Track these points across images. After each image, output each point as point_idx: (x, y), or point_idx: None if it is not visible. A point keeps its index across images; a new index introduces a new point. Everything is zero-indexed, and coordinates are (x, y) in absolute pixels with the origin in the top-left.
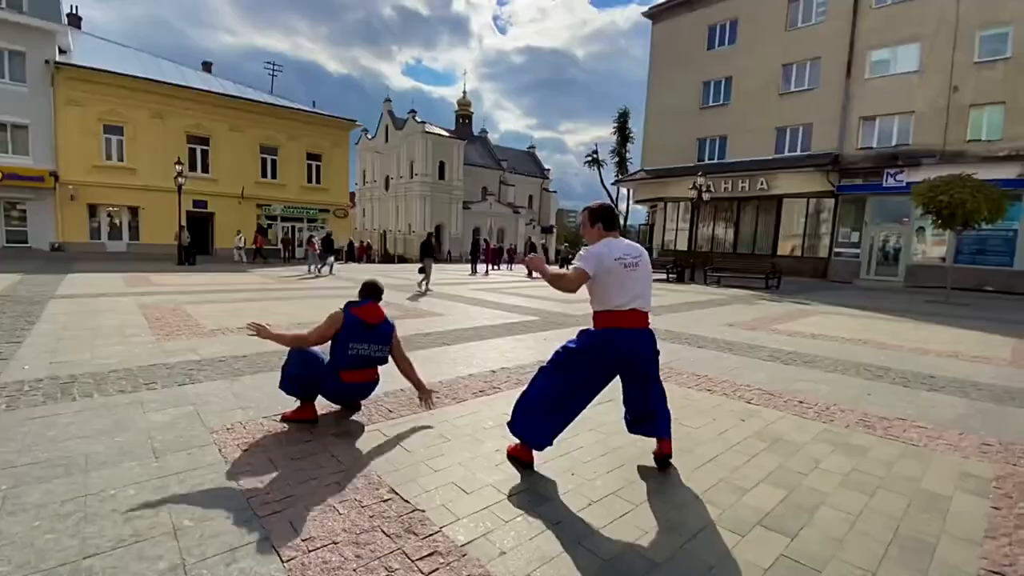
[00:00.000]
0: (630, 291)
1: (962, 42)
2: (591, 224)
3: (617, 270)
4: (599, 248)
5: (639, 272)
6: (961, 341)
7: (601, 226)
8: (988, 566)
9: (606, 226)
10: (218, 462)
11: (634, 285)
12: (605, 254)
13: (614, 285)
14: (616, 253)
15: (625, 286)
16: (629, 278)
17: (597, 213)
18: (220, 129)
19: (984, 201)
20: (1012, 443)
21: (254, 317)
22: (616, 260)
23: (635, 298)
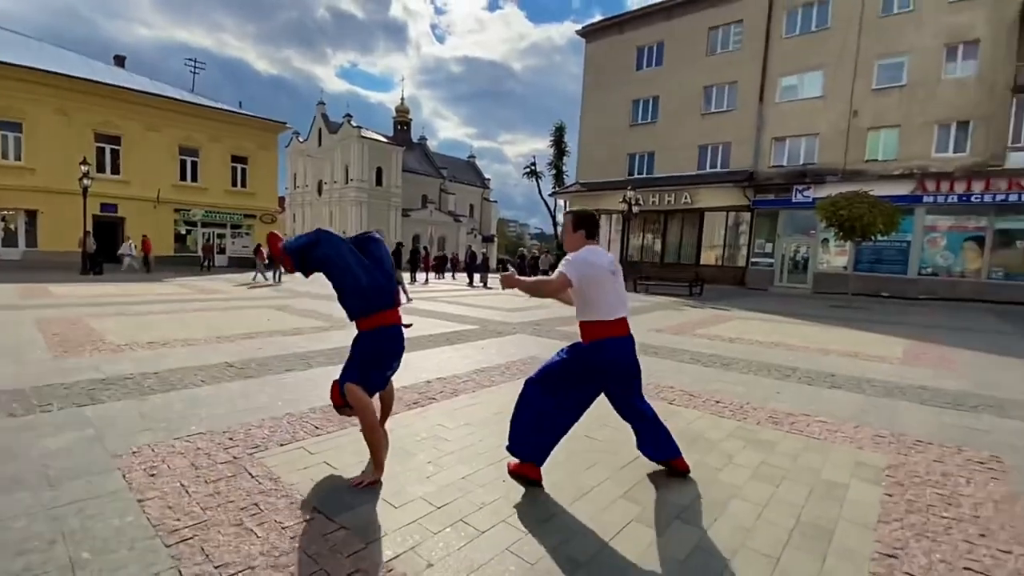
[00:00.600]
0: (618, 300)
1: (862, 70)
2: (573, 230)
3: (607, 279)
4: (585, 255)
5: (620, 280)
6: (860, 342)
7: (583, 233)
8: (881, 549)
9: (588, 233)
10: (121, 489)
11: (621, 293)
12: (593, 262)
13: (606, 294)
14: (603, 261)
15: (614, 295)
16: (617, 287)
17: (580, 219)
18: (134, 128)
19: (879, 215)
20: (903, 434)
21: (168, 331)
22: (605, 268)
23: (622, 306)
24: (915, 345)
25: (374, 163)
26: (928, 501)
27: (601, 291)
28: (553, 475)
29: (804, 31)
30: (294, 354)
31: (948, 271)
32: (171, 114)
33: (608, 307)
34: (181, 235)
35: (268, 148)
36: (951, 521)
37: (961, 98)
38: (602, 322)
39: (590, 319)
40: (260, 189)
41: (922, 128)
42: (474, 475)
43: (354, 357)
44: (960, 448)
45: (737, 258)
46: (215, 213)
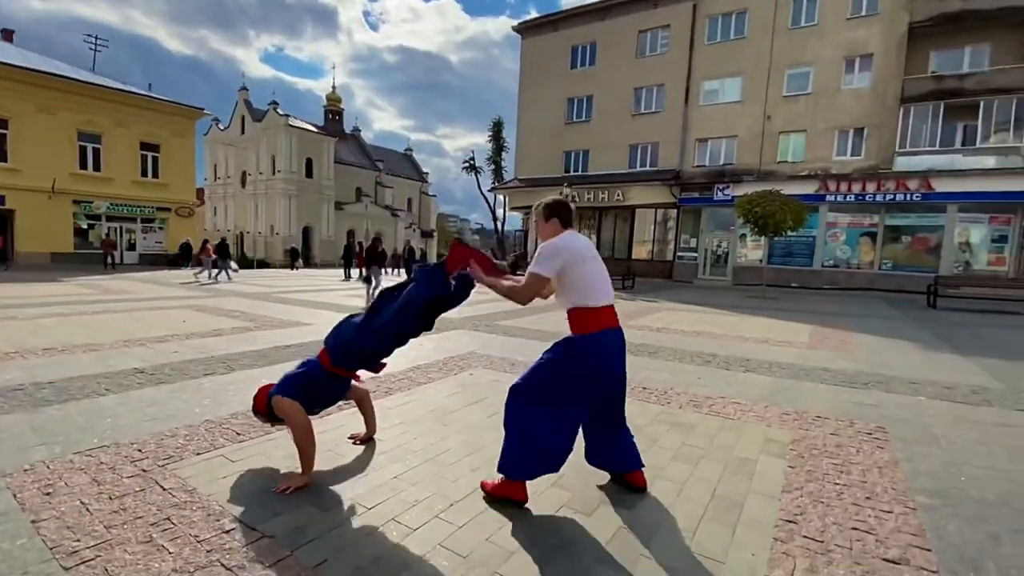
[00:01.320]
0: (606, 285)
1: (774, 78)
2: (546, 220)
3: (589, 261)
4: (561, 241)
5: (603, 265)
6: (772, 329)
7: (557, 221)
8: (784, 516)
9: (563, 221)
10: (12, 510)
11: (607, 279)
12: (571, 246)
13: (591, 274)
14: (580, 244)
15: (602, 279)
16: (602, 272)
17: (553, 208)
18: (23, 110)
19: (789, 212)
20: (805, 411)
21: (68, 335)
22: (583, 250)
23: (609, 293)
24: (819, 331)
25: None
26: (824, 470)
27: (584, 273)
28: (486, 471)
29: (724, 39)
30: (213, 357)
31: (847, 263)
32: (68, 95)
33: (597, 293)
34: (83, 230)
35: (183, 135)
36: (843, 487)
37: (857, 107)
38: (592, 310)
39: (579, 305)
40: (175, 180)
41: (825, 133)
42: (407, 474)
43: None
44: (852, 421)
45: (665, 252)
46: (122, 206)
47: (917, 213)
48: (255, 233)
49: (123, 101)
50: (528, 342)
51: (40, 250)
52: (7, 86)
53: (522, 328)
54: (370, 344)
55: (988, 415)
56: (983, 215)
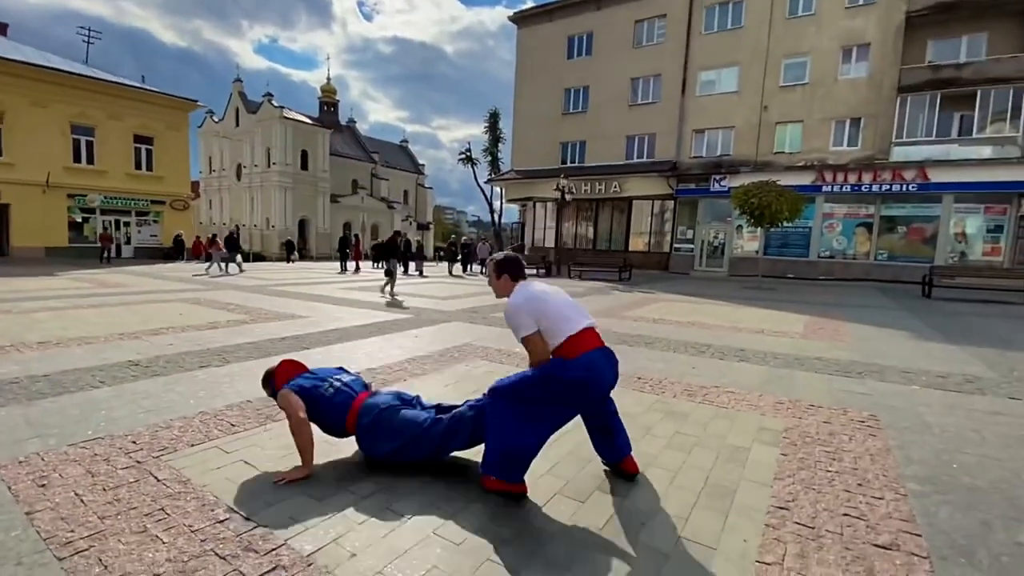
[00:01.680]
0: (576, 312)
1: (771, 68)
2: (498, 277)
3: (551, 300)
4: (517, 299)
5: (563, 297)
6: (767, 320)
7: (507, 276)
8: (776, 503)
9: (512, 276)
10: (6, 502)
11: (572, 306)
12: (528, 298)
13: (558, 313)
14: (537, 289)
15: (567, 309)
16: (567, 303)
17: (501, 266)
18: (17, 103)
19: (785, 203)
20: (799, 400)
21: (62, 329)
22: (536, 294)
23: (583, 317)
24: (814, 321)
25: (298, 145)
26: (817, 458)
27: (550, 313)
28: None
29: (721, 28)
30: (208, 349)
31: (843, 254)
32: (61, 88)
33: (572, 321)
34: (77, 223)
35: (177, 128)
36: (834, 474)
37: (854, 96)
38: (573, 336)
39: (560, 341)
40: (169, 173)
41: (821, 123)
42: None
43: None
44: (845, 410)
45: (662, 244)
46: (117, 199)
47: (913, 203)
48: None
49: (116, 93)
50: None
51: (35, 244)
52: (3, 81)
53: None
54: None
55: (981, 403)
56: (979, 205)
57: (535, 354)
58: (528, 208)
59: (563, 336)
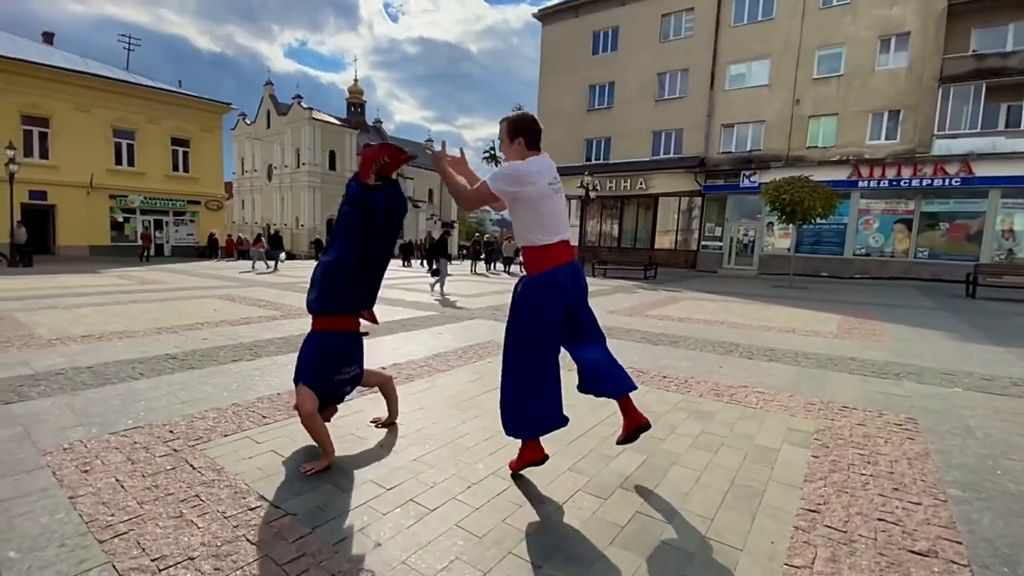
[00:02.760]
0: (561, 220)
1: (804, 60)
2: (510, 139)
3: (548, 194)
4: (526, 168)
5: (562, 198)
6: (798, 319)
7: (522, 142)
8: (806, 505)
9: (529, 142)
10: (51, 487)
11: (563, 214)
12: (529, 170)
13: (547, 211)
14: (549, 175)
15: (557, 214)
16: (559, 205)
17: (517, 125)
18: (63, 108)
19: (819, 199)
20: (831, 401)
21: (105, 323)
22: (550, 184)
23: (564, 228)
24: (848, 320)
25: (327, 146)
26: (850, 460)
27: (539, 208)
28: (505, 454)
29: (752, 20)
30: (241, 344)
31: (880, 251)
32: (103, 93)
33: (550, 227)
34: (118, 223)
35: (212, 130)
36: (869, 478)
37: (892, 88)
38: (547, 247)
39: (533, 243)
40: (204, 174)
41: (857, 116)
42: (426, 456)
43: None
44: (881, 412)
45: (689, 242)
46: (155, 199)
47: (956, 199)
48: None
49: (155, 98)
50: None
51: (79, 243)
52: (48, 87)
53: None
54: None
55: None
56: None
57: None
58: None
59: (535, 238)
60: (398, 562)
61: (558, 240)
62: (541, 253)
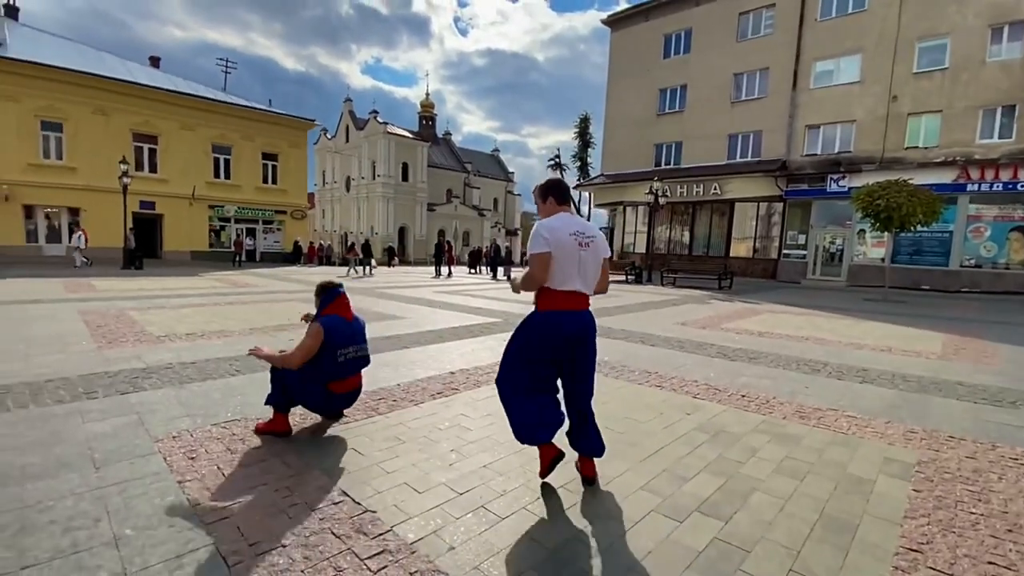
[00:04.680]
0: (573, 271)
1: (902, 53)
2: (543, 200)
3: (570, 246)
4: (551, 221)
5: (589, 252)
6: (894, 337)
7: (553, 200)
8: (907, 544)
9: (559, 200)
10: (163, 471)
11: (583, 266)
12: (558, 227)
13: (564, 262)
14: (571, 228)
15: (575, 265)
16: (580, 258)
17: (545, 188)
18: (169, 127)
19: (919, 205)
20: (936, 430)
21: (202, 323)
22: (571, 235)
23: (581, 279)
24: (954, 340)
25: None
26: (957, 497)
27: (562, 258)
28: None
29: (840, 13)
30: None
31: (992, 263)
32: (205, 113)
33: (566, 277)
34: (215, 231)
35: (298, 145)
36: (979, 517)
37: (1007, 81)
38: (557, 292)
39: (546, 286)
40: (290, 185)
41: (965, 113)
42: (495, 463)
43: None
44: (994, 444)
45: (768, 250)
46: (247, 209)
47: None
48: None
49: (249, 116)
50: (612, 342)
51: (182, 249)
52: (158, 107)
53: (606, 328)
54: None
55: None
56: None
57: (533, 277)
58: (618, 212)
59: (550, 285)
60: (471, 567)
61: (567, 289)
62: (548, 295)
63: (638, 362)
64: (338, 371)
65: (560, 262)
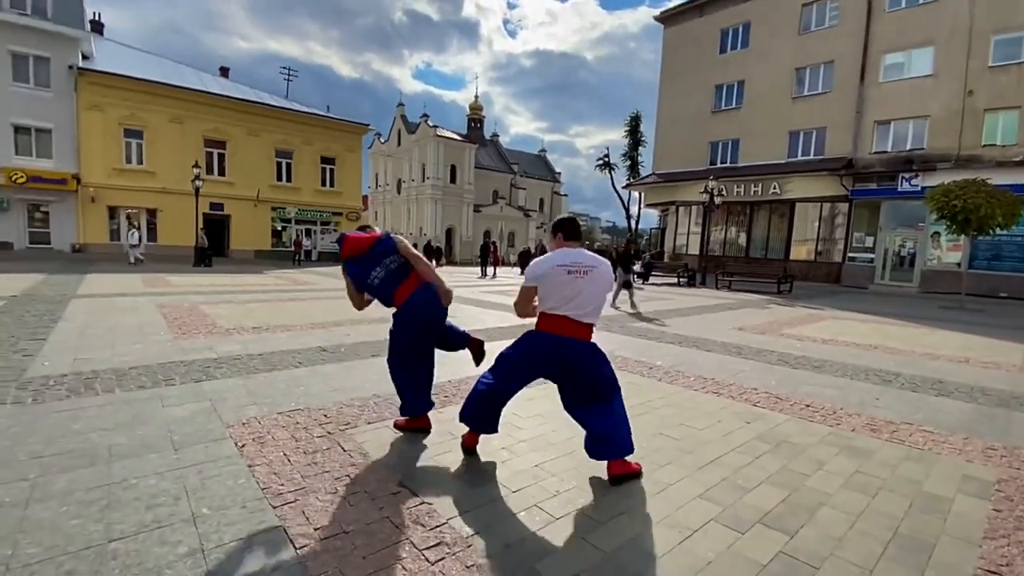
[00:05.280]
0: (563, 296)
1: (976, 46)
2: (553, 236)
3: (555, 275)
4: (546, 256)
5: (585, 281)
6: (972, 347)
7: (561, 236)
8: (985, 566)
9: (566, 236)
10: (234, 455)
11: (571, 291)
12: (548, 260)
13: (549, 288)
14: (562, 260)
15: (560, 291)
16: (568, 284)
17: (557, 224)
18: (237, 133)
19: (999, 206)
20: (1017, 447)
21: (267, 317)
22: (559, 266)
23: (567, 303)
24: None
25: (448, 161)
26: None
27: (548, 286)
28: None
29: (911, 3)
30: (380, 340)
31: None
32: (269, 120)
33: (551, 301)
34: (277, 231)
35: (353, 149)
36: None
37: None
38: (545, 315)
39: (540, 309)
40: (346, 188)
41: None
42: (546, 464)
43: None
44: None
45: (832, 253)
46: (307, 211)
47: None
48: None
49: (308, 122)
50: (664, 345)
51: (247, 247)
52: (227, 115)
53: (658, 332)
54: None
55: None
56: None
57: (516, 305)
58: (670, 213)
59: (542, 308)
60: (526, 567)
61: (558, 314)
62: (541, 318)
63: (693, 368)
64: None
65: (546, 291)
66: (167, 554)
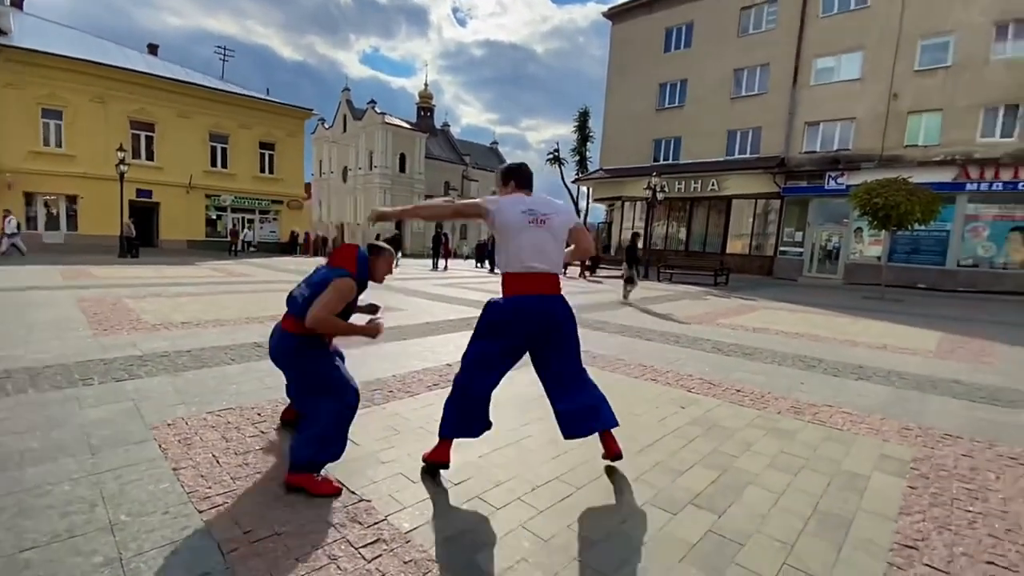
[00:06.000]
0: (534, 251)
1: (904, 50)
2: (504, 184)
3: (519, 223)
4: (506, 200)
5: (546, 230)
6: (891, 335)
7: (513, 184)
8: (901, 540)
9: (519, 183)
10: (157, 458)
11: (539, 242)
12: (509, 201)
13: (517, 240)
14: (523, 206)
15: (529, 244)
16: (533, 236)
17: (506, 172)
18: (166, 115)
19: (918, 204)
20: (931, 428)
21: (201, 311)
22: (522, 212)
23: (538, 259)
24: (950, 338)
25: (398, 149)
26: (953, 495)
27: (508, 238)
28: (567, 459)
29: (843, 10)
30: None
31: (990, 263)
32: (202, 101)
33: (518, 257)
34: (212, 220)
35: (295, 135)
36: (976, 515)
37: (1010, 79)
38: (518, 275)
39: (506, 270)
40: (287, 175)
41: (967, 111)
42: (491, 455)
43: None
44: (992, 443)
45: (765, 247)
46: (244, 199)
47: None
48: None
49: (246, 105)
50: (611, 336)
51: (179, 237)
52: (155, 95)
53: (603, 322)
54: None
55: None
56: None
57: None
58: (616, 208)
59: (506, 268)
60: (466, 557)
61: (525, 271)
62: (507, 279)
63: (634, 356)
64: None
65: (509, 238)
66: (82, 563)
